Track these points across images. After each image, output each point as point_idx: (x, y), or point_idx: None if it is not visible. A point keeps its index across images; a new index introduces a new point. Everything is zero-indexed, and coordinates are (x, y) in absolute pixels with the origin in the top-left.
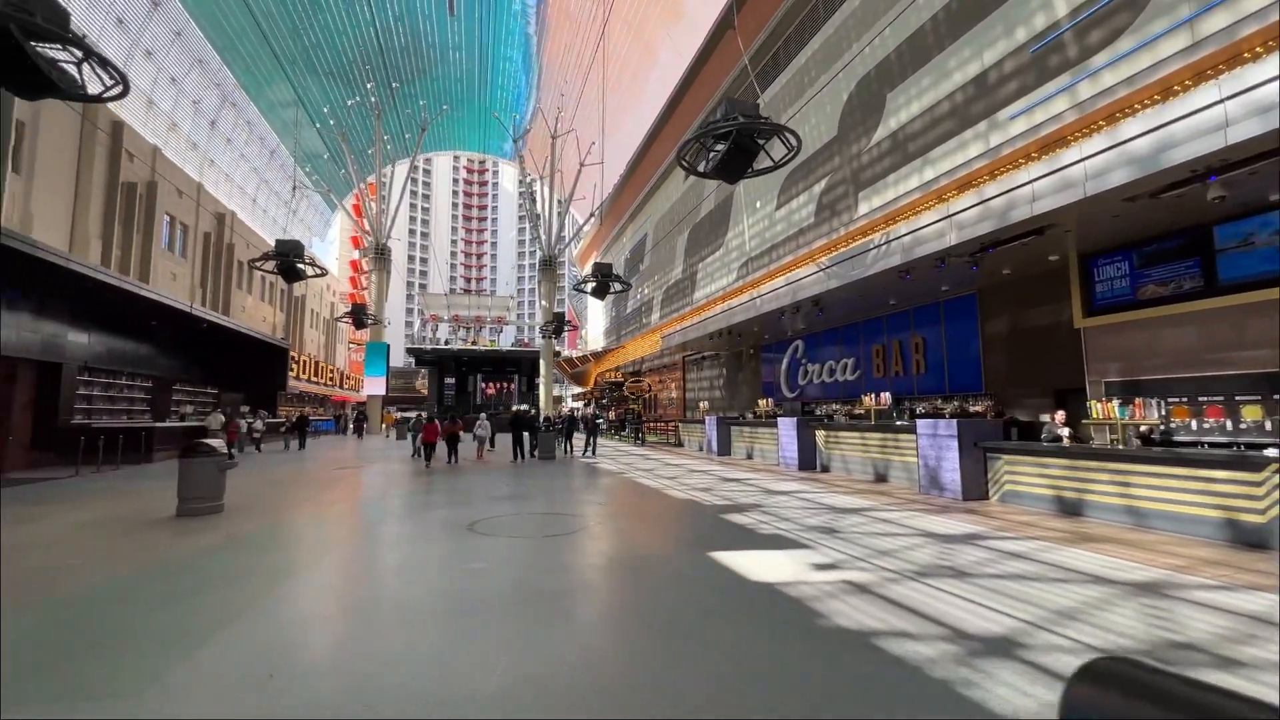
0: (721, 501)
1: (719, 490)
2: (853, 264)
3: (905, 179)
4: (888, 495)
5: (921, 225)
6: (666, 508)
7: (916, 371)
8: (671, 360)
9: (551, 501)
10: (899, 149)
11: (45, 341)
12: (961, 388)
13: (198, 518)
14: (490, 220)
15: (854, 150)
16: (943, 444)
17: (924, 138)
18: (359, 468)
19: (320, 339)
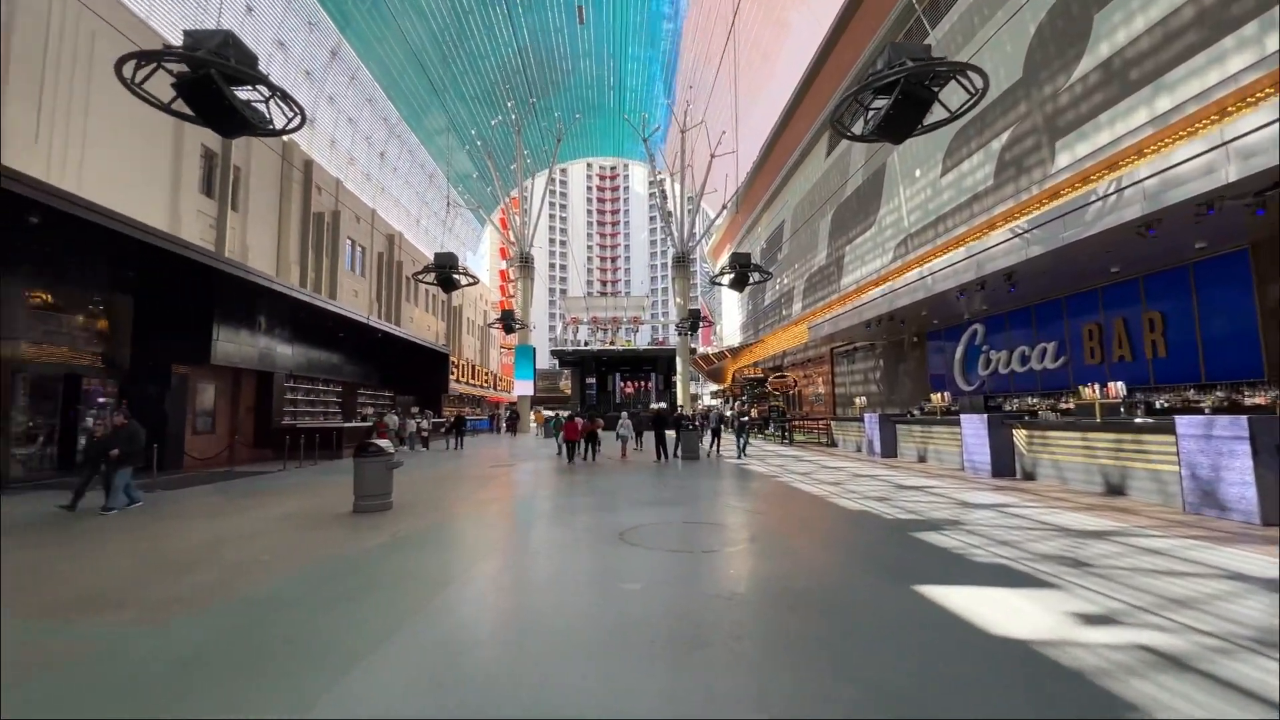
0: (906, 515)
1: (898, 500)
2: (1064, 224)
3: (1128, 114)
4: (1134, 513)
5: (1174, 163)
6: (839, 520)
7: (1152, 355)
8: (818, 353)
9: (703, 508)
10: (1115, 79)
11: (261, 354)
12: (1225, 374)
13: (369, 514)
14: (623, 223)
15: (1046, 93)
16: (1222, 448)
17: (1154, 59)
18: (510, 466)
19: (476, 344)
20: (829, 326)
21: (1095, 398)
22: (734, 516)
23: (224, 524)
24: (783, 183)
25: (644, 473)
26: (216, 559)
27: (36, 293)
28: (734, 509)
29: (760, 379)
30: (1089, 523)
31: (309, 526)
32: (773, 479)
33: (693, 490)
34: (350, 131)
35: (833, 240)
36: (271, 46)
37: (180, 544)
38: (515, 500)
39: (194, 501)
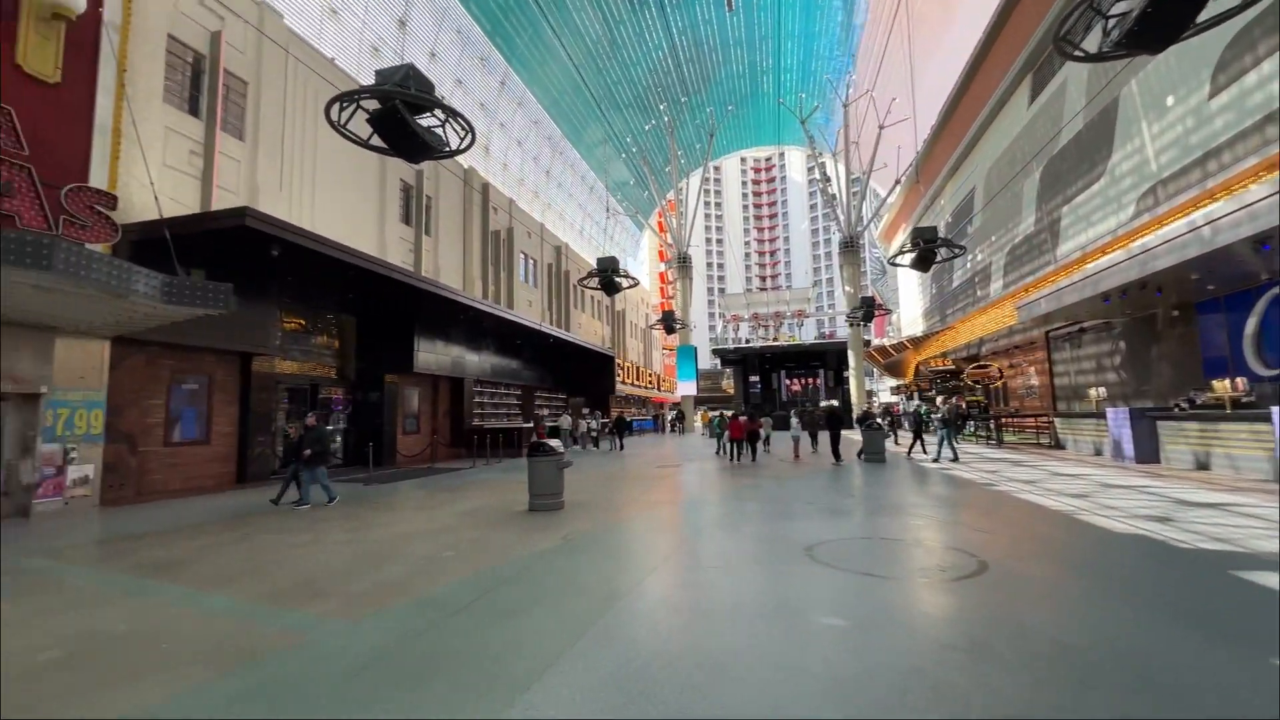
0: (1210, 543)
1: (1186, 521)
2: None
3: None
4: None
5: None
6: (1103, 546)
7: None
8: (1027, 338)
9: (905, 522)
10: None
11: (453, 362)
12: None
13: (542, 514)
14: (781, 215)
15: None
16: None
17: None
18: (676, 467)
19: (639, 347)
20: (1048, 304)
21: None
22: (950, 534)
23: (417, 519)
24: (970, 145)
25: (821, 476)
26: (407, 553)
27: (289, 317)
28: (947, 525)
29: (952, 371)
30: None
31: (489, 524)
32: (989, 488)
33: (885, 499)
34: (519, 153)
35: (1043, 202)
36: (452, 85)
37: (380, 535)
38: (683, 503)
39: (397, 496)
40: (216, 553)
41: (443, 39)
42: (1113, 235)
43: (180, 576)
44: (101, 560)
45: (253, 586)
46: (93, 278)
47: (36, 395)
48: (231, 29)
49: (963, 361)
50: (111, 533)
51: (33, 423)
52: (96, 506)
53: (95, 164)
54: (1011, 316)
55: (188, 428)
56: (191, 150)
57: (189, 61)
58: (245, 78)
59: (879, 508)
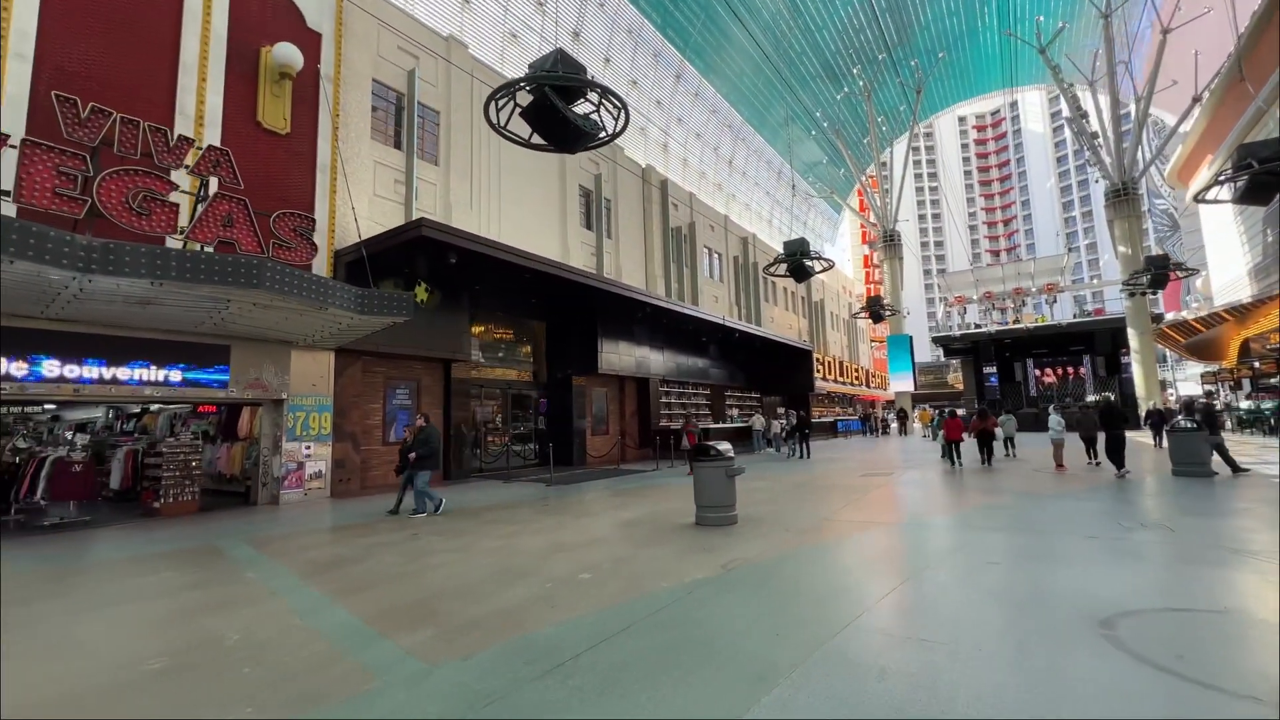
0: None
1: None
2: None
3: None
4: None
5: None
6: None
7: None
8: None
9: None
10: None
11: (638, 362)
12: None
13: (709, 529)
14: (1016, 176)
15: None
16: None
17: None
18: (887, 475)
19: (842, 340)
20: None
21: None
22: None
23: (572, 528)
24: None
25: (1101, 495)
26: (543, 572)
27: (484, 324)
28: None
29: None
30: None
31: (644, 539)
32: None
33: (1215, 535)
34: (699, 146)
35: None
36: (627, 86)
37: (529, 545)
38: (890, 526)
39: (567, 500)
40: (379, 554)
41: (615, 41)
42: None
43: (326, 580)
44: (282, 554)
45: (376, 600)
46: (297, 292)
47: (280, 400)
48: (425, 65)
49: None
50: (321, 524)
51: (279, 424)
52: (328, 498)
53: (318, 199)
54: None
55: (401, 429)
56: (396, 179)
57: (391, 101)
58: (437, 108)
59: (1203, 555)
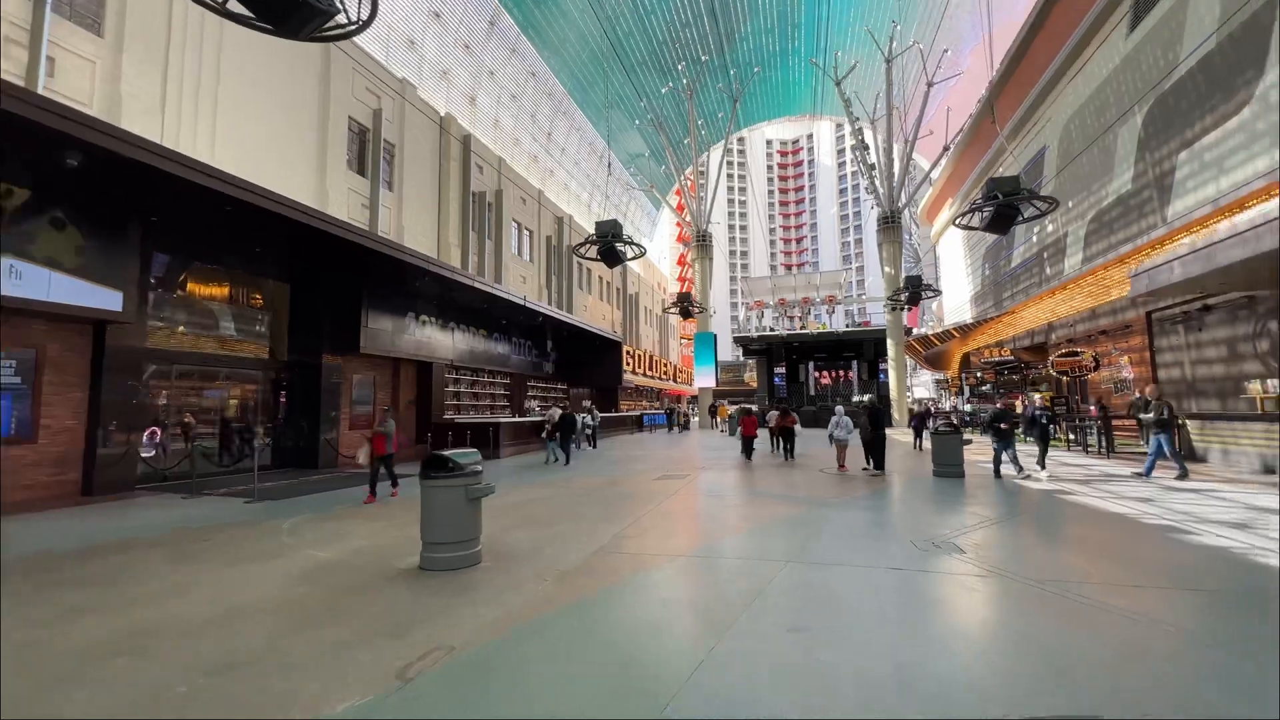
0: None
1: None
2: None
3: None
4: None
5: None
6: None
7: None
8: (1117, 321)
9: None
10: None
11: (419, 342)
12: None
13: (435, 577)
14: (808, 200)
15: None
16: None
17: None
18: (686, 476)
19: (654, 335)
20: (1183, 268)
21: None
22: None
23: (220, 581)
24: (1040, 96)
25: (883, 503)
26: (92, 682)
27: (197, 281)
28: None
29: (1012, 363)
30: None
31: (316, 608)
32: (1200, 542)
33: (1018, 544)
34: (514, 110)
35: (1147, 152)
36: (427, 18)
37: (88, 631)
38: (675, 559)
39: (268, 523)
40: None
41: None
42: (1265, 179)
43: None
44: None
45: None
46: None
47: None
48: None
49: (1026, 352)
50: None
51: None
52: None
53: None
54: (1094, 296)
55: (5, 419)
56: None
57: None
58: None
59: (1004, 555)
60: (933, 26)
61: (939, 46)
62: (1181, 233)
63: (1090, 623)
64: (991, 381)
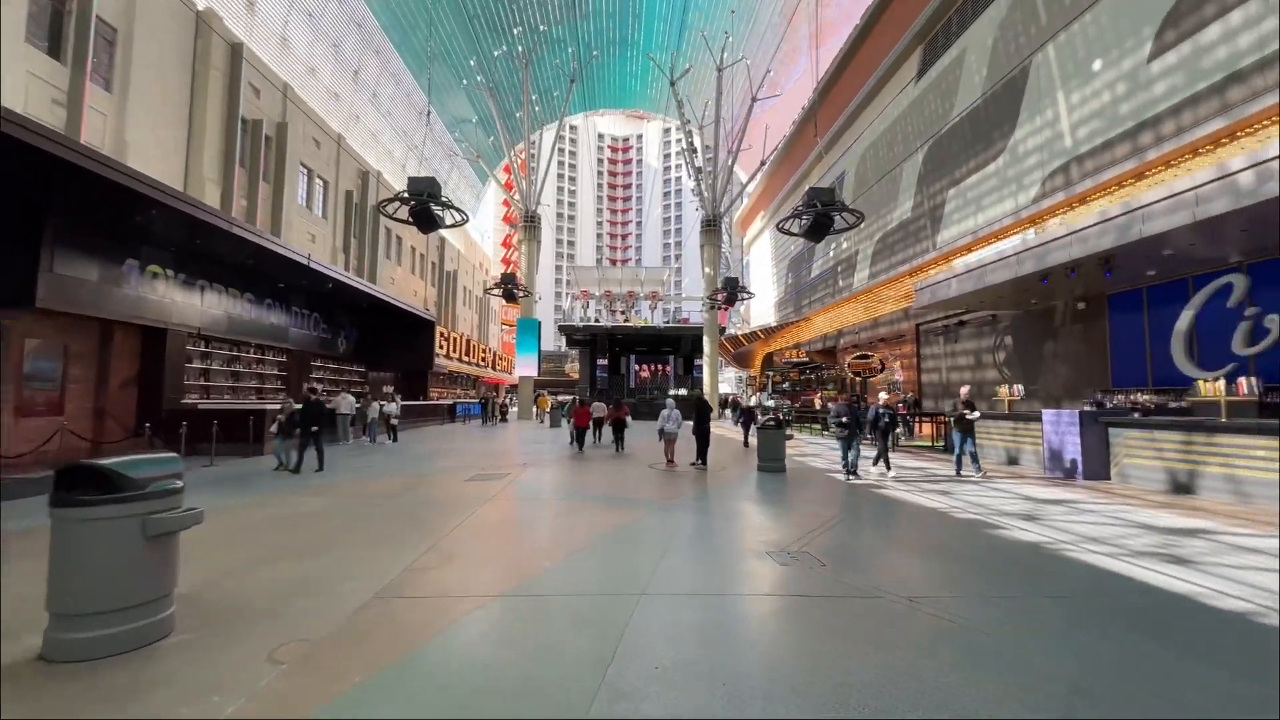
0: None
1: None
2: None
3: None
4: None
5: None
6: None
7: None
8: (893, 330)
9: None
10: None
11: (143, 299)
12: None
13: (79, 670)
14: (635, 199)
15: None
16: None
17: None
18: (505, 475)
19: (473, 318)
20: (960, 285)
21: None
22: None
23: None
24: (845, 126)
25: (718, 501)
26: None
27: None
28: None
29: (814, 363)
30: None
31: None
32: (1005, 533)
33: (863, 567)
34: (309, 32)
35: (924, 186)
36: None
37: None
38: (505, 589)
39: None
40: None
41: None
42: (1014, 218)
43: None
44: None
45: None
46: None
47: None
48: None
49: (819, 354)
50: None
51: None
52: None
53: None
54: (878, 307)
55: None
56: None
57: None
58: None
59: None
60: (760, 46)
61: (763, 67)
62: (948, 258)
63: (998, 649)
64: (794, 380)
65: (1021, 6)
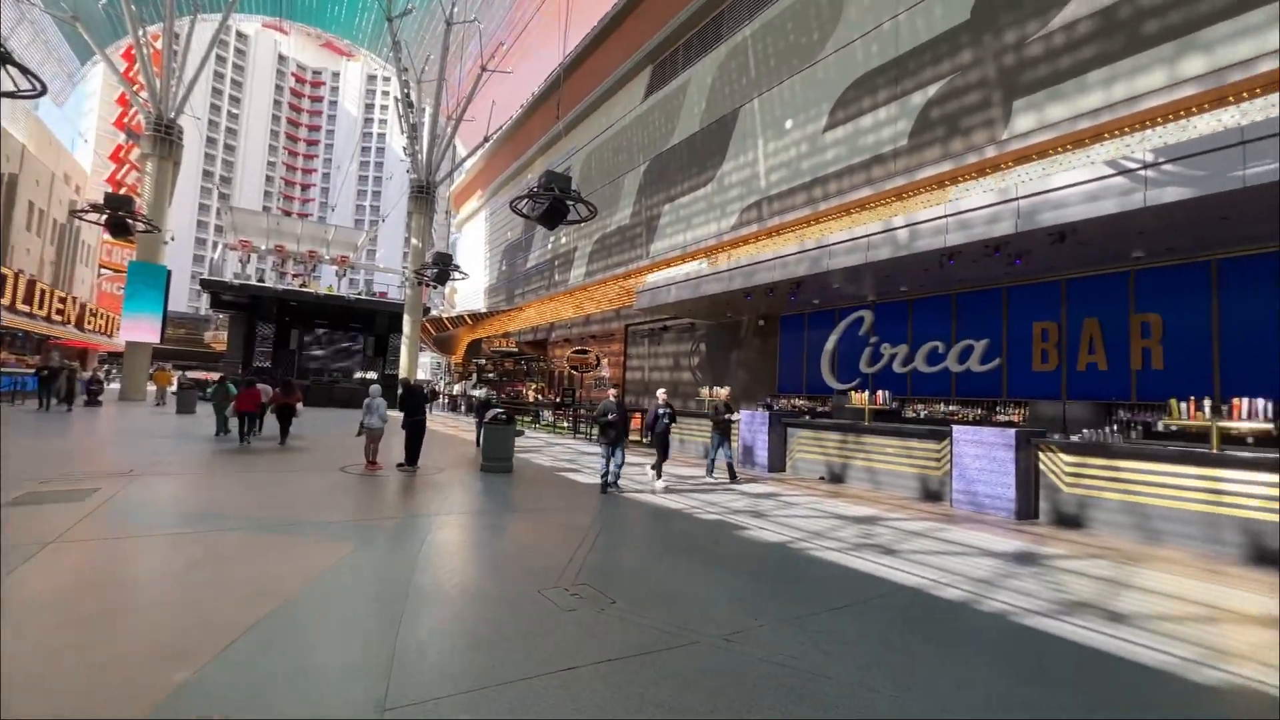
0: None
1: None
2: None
3: (1136, 74)
4: None
5: None
6: None
7: (1140, 365)
8: (605, 328)
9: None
10: (1118, 31)
11: None
12: (1247, 391)
13: None
14: (324, 146)
15: (1008, 40)
16: None
17: (1185, 9)
18: (90, 494)
19: (46, 252)
20: (673, 292)
21: (1196, 414)
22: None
23: None
24: (575, 123)
25: (452, 508)
26: None
27: None
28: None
29: (523, 354)
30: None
31: None
32: (786, 546)
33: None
34: None
35: (644, 196)
36: None
37: None
38: None
39: None
40: None
41: None
42: (717, 239)
43: None
44: None
45: None
46: None
47: None
48: None
49: (530, 345)
50: None
51: None
52: None
53: None
54: (593, 305)
55: None
56: None
57: None
58: None
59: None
60: (497, 14)
61: (498, 37)
62: (658, 267)
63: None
64: (504, 370)
65: (737, 58)
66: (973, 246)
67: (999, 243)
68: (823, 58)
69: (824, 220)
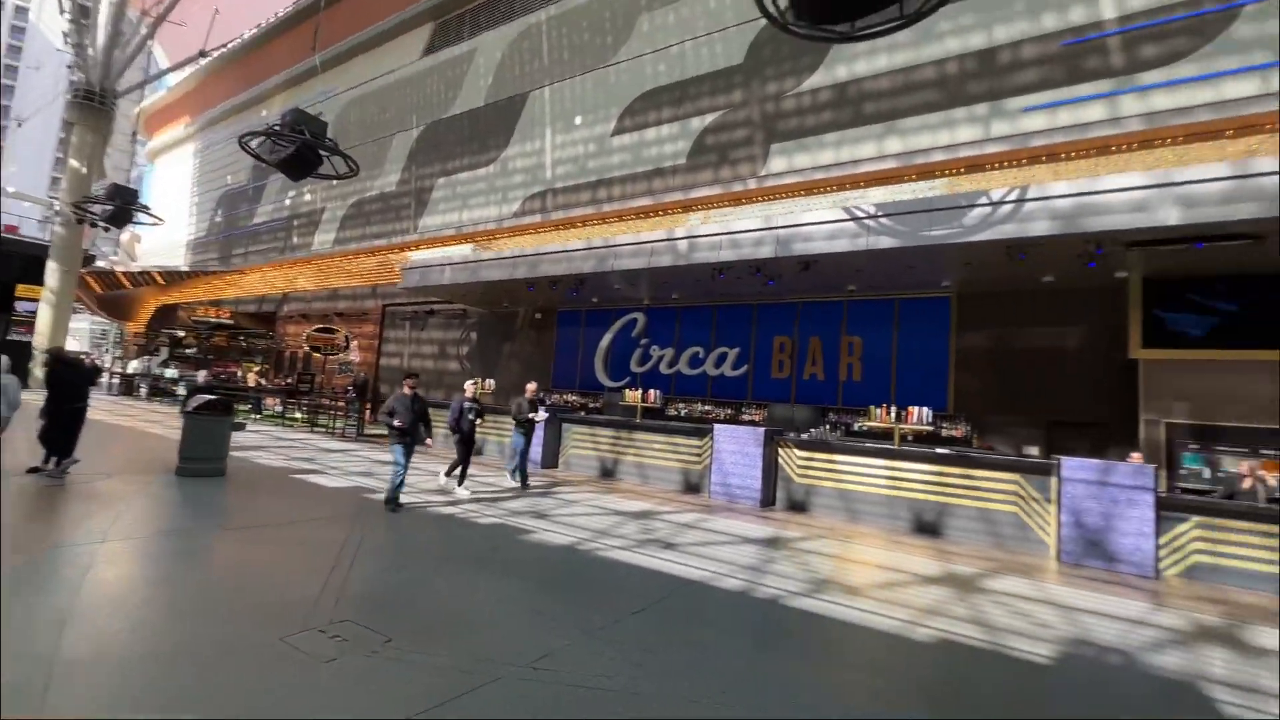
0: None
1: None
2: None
3: (859, 142)
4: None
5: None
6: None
7: (846, 377)
8: (356, 307)
9: None
10: (846, 105)
11: None
12: (915, 401)
13: None
14: None
15: (770, 90)
16: (1117, 497)
17: (892, 101)
18: None
19: None
20: (454, 273)
21: (890, 420)
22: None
23: None
24: (337, 61)
25: (148, 517)
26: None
27: None
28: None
29: (241, 328)
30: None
31: None
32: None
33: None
34: None
35: (416, 164)
36: None
37: None
38: None
39: None
40: None
41: None
42: (497, 224)
43: None
44: None
45: None
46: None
47: None
48: None
49: (248, 318)
50: None
51: None
52: None
53: None
54: (343, 279)
55: None
56: None
57: None
58: None
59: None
60: None
61: None
62: (430, 243)
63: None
64: (211, 348)
65: (530, 40)
66: (740, 265)
67: (760, 264)
68: (615, 63)
69: (608, 221)
